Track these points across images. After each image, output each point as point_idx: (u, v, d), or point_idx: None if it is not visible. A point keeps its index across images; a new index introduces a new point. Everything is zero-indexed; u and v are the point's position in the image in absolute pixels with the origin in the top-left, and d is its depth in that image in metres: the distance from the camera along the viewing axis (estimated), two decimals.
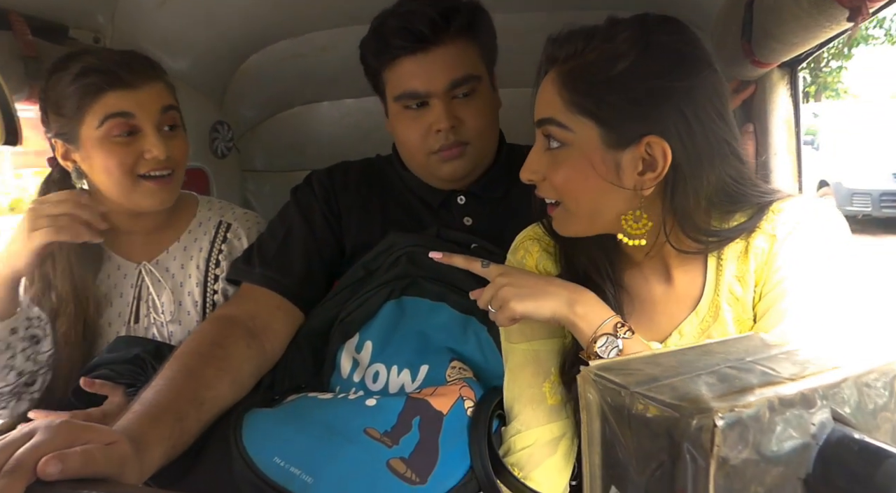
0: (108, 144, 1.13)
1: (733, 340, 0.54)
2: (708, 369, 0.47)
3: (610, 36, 0.78)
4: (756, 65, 1.09)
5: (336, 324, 1.15)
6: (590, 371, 0.50)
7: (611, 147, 0.78)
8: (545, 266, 0.96)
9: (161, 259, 1.28)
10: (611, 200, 0.81)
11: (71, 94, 1.11)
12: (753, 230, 0.83)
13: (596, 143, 0.79)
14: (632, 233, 0.82)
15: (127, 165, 1.14)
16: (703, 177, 0.78)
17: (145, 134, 1.14)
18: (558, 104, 0.80)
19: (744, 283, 0.86)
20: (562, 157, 0.82)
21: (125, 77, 1.12)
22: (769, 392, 0.42)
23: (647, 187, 0.78)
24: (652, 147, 0.76)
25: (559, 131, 0.81)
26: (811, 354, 0.48)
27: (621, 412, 0.45)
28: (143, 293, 1.26)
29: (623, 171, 0.79)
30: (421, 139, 1.19)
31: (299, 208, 1.27)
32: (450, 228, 1.22)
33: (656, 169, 0.77)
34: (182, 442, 0.90)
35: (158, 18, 1.44)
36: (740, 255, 0.85)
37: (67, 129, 1.14)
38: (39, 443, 0.65)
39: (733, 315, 0.87)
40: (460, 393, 0.97)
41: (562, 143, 0.81)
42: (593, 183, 0.80)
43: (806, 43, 0.93)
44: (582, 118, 0.79)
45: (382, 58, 1.18)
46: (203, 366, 0.99)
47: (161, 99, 1.17)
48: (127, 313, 1.25)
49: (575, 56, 0.80)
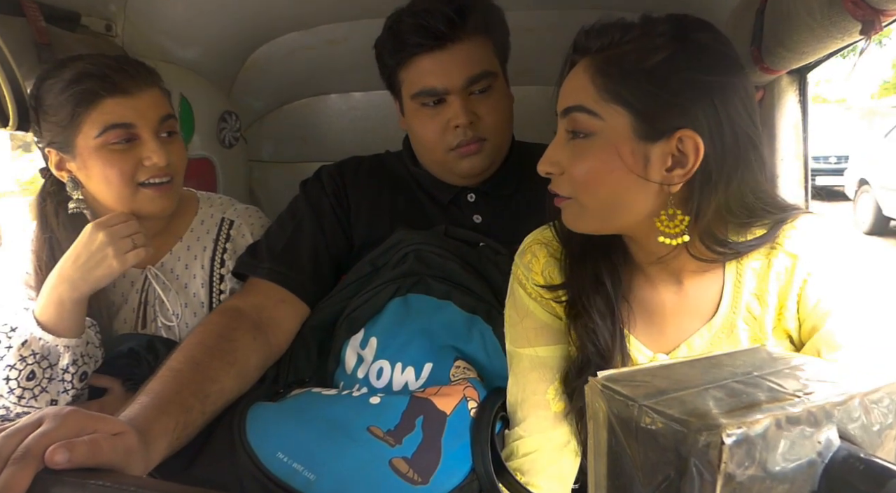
0: (106, 153, 1.10)
1: (741, 352, 0.55)
2: (716, 383, 0.48)
3: (647, 30, 0.76)
4: (765, 71, 1.09)
5: (342, 319, 1.15)
6: (598, 382, 0.50)
7: (642, 138, 0.75)
8: (550, 272, 0.94)
9: (165, 261, 1.26)
10: (632, 196, 0.78)
11: (65, 101, 1.08)
12: (773, 247, 0.81)
13: (627, 133, 0.75)
14: (671, 232, 0.77)
15: (126, 173, 1.11)
16: (728, 180, 0.75)
17: (144, 141, 1.12)
18: (590, 91, 0.77)
19: (763, 302, 0.83)
20: (586, 147, 0.78)
21: (122, 83, 1.09)
22: (776, 409, 0.42)
23: (675, 184, 0.75)
24: (684, 142, 0.74)
25: (588, 119, 0.77)
26: (817, 370, 0.49)
27: (629, 425, 0.46)
28: (150, 298, 1.24)
29: (651, 165, 0.75)
30: (439, 136, 1.19)
31: (309, 202, 1.27)
32: (458, 225, 1.22)
33: (686, 165, 0.74)
34: (186, 434, 0.91)
35: (170, 7, 1.44)
36: (761, 273, 0.83)
37: (61, 137, 1.10)
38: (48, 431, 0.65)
39: (749, 334, 0.85)
40: (464, 394, 0.98)
41: (589, 132, 0.78)
42: (618, 176, 0.76)
43: (816, 52, 0.92)
44: (615, 106, 0.76)
45: (399, 56, 1.18)
46: (209, 358, 0.99)
47: (159, 108, 1.15)
48: (133, 319, 1.23)
49: (611, 46, 0.77)
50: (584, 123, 0.78)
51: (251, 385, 1.06)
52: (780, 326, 0.84)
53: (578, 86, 0.79)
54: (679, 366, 0.53)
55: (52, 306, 1.08)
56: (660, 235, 0.78)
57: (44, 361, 1.08)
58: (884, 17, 0.66)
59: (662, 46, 0.74)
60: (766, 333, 0.84)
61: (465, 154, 1.19)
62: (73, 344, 1.09)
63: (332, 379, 1.13)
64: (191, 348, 1.01)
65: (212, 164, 1.72)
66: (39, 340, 1.08)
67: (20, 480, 0.57)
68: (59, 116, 1.09)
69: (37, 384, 1.08)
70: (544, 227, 0.97)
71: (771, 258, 0.82)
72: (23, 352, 1.07)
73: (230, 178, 1.78)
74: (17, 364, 1.06)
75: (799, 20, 0.85)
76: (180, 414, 0.89)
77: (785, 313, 0.82)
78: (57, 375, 1.09)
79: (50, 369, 1.09)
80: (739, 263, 0.83)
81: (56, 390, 1.10)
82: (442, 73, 1.15)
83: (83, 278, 1.07)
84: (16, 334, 1.08)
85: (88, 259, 1.07)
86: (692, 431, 0.41)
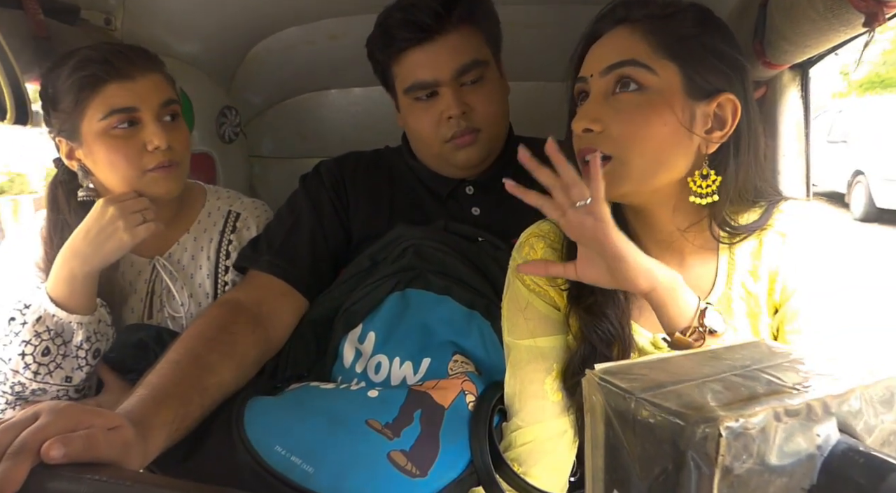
0: (109, 138, 1.11)
1: (740, 346, 0.54)
2: (714, 376, 0.47)
3: (688, 10, 0.83)
4: (767, 66, 1.09)
5: (340, 313, 1.15)
6: (595, 375, 0.50)
7: (690, 96, 0.80)
8: None
9: (173, 252, 1.27)
10: (675, 152, 0.80)
11: (69, 87, 1.09)
12: (765, 228, 0.86)
13: (678, 89, 0.80)
14: (703, 191, 0.81)
15: (131, 158, 1.12)
16: (752, 150, 0.82)
17: (146, 124, 1.13)
18: (642, 48, 0.80)
19: (756, 277, 0.87)
20: (640, 101, 0.80)
21: (124, 68, 1.10)
22: (775, 402, 0.42)
23: (714, 143, 0.80)
24: (724, 106, 0.80)
25: (642, 73, 0.80)
26: (817, 364, 0.48)
27: (626, 418, 0.45)
28: (157, 288, 1.25)
29: (696, 123, 0.80)
30: (433, 129, 1.19)
31: (308, 196, 1.27)
32: (457, 219, 1.22)
33: (724, 128, 0.80)
34: (184, 427, 0.90)
35: (169, 2, 1.44)
36: (753, 251, 0.87)
37: (68, 125, 1.12)
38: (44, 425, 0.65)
39: (746, 310, 0.87)
40: (462, 387, 0.98)
41: (642, 86, 0.80)
42: (668, 130, 0.79)
43: (819, 45, 0.92)
44: (668, 62, 0.80)
45: (389, 51, 1.19)
46: (208, 351, 0.99)
47: (162, 92, 1.15)
48: (140, 309, 1.24)
49: (660, 16, 0.82)
50: (638, 76, 0.80)
51: (249, 378, 1.06)
52: (770, 299, 0.87)
53: (626, 44, 0.82)
54: (677, 359, 0.53)
55: (63, 281, 1.09)
56: (691, 196, 0.82)
57: (58, 337, 1.10)
58: (887, 10, 0.65)
59: (704, 24, 0.82)
60: (760, 307, 0.87)
61: (460, 146, 1.20)
62: (85, 321, 1.10)
63: (331, 373, 1.13)
64: (190, 341, 1.01)
65: (212, 159, 1.72)
66: (53, 316, 1.09)
67: (16, 475, 0.57)
68: (65, 103, 1.11)
69: (52, 360, 1.10)
70: (541, 221, 0.98)
71: (762, 238, 0.86)
72: (37, 328, 1.08)
73: (230, 173, 1.78)
74: (33, 340, 1.08)
75: (801, 13, 0.84)
76: (179, 407, 0.89)
77: (775, 286, 0.86)
78: (71, 351, 1.11)
79: (64, 346, 1.10)
80: (732, 247, 0.87)
81: (70, 366, 1.11)
82: (431, 65, 1.15)
83: (94, 253, 1.09)
84: (29, 310, 1.10)
85: (99, 233, 1.09)
86: (689, 423, 0.41)
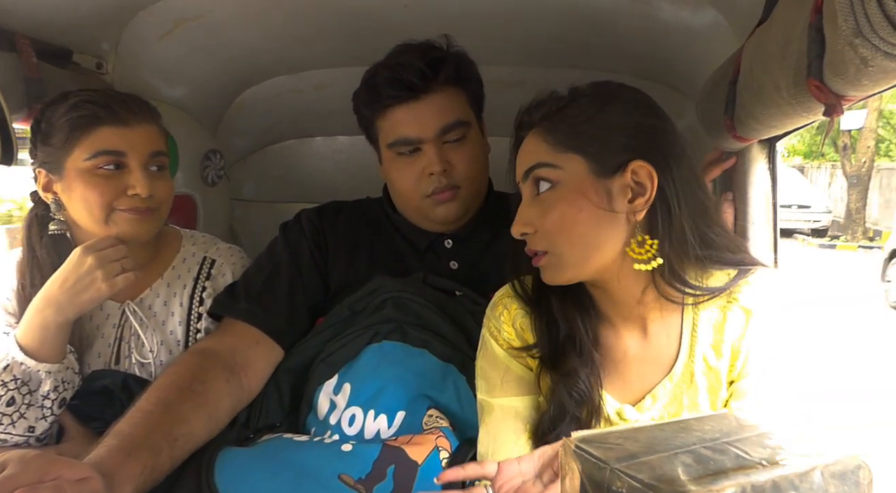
0: (91, 177, 1.10)
1: (709, 417, 0.57)
2: (684, 448, 0.49)
3: (578, 94, 0.87)
4: (737, 139, 1.14)
5: (316, 363, 1.15)
6: (571, 442, 0.52)
7: (599, 176, 0.83)
8: (521, 324, 0.96)
9: (145, 298, 1.25)
10: (605, 231, 0.83)
11: (63, 125, 1.10)
12: (729, 301, 0.87)
13: (585, 174, 0.83)
14: (643, 258, 0.83)
15: (106, 197, 1.11)
16: (684, 204, 0.83)
17: (131, 170, 1.12)
18: (543, 149, 0.85)
19: (718, 353, 0.89)
20: (554, 197, 0.84)
21: (121, 114, 1.11)
22: (742, 478, 0.44)
23: (640, 211, 0.83)
24: (638, 173, 0.82)
25: (549, 171, 0.85)
26: (782, 439, 0.51)
27: (601, 487, 0.47)
28: (126, 333, 1.22)
29: (614, 198, 0.83)
30: (415, 183, 1.22)
31: (287, 245, 1.28)
32: (435, 272, 1.24)
33: (645, 194, 0.82)
34: (154, 478, 0.89)
35: (161, 48, 1.46)
36: (717, 325, 0.89)
37: (53, 158, 1.12)
38: (11, 476, 0.64)
39: (707, 384, 0.89)
40: (436, 443, 0.98)
41: (552, 182, 0.85)
42: (588, 214, 0.83)
43: (784, 126, 0.97)
44: (570, 155, 0.84)
45: (375, 107, 1.22)
46: (180, 400, 0.98)
47: (153, 143, 1.16)
48: (108, 354, 1.21)
49: (554, 113, 0.87)
50: (546, 175, 0.85)
51: (221, 429, 1.05)
52: (729, 376, 0.89)
53: (532, 149, 0.87)
54: (650, 429, 0.55)
55: (35, 329, 1.06)
56: (634, 263, 0.84)
57: (24, 386, 1.07)
58: (845, 102, 0.70)
59: (596, 103, 0.86)
60: (721, 382, 0.89)
61: (440, 201, 1.22)
62: (54, 369, 1.08)
63: (304, 424, 1.12)
64: (162, 390, 1.00)
65: (193, 201, 1.73)
66: (21, 365, 1.06)
67: None
68: (56, 137, 1.11)
69: (16, 410, 1.06)
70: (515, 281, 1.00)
71: (726, 311, 0.88)
72: (4, 377, 1.05)
73: (211, 215, 1.78)
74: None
75: (767, 96, 0.89)
76: (148, 458, 0.88)
77: (735, 363, 0.89)
78: (36, 401, 1.08)
79: (30, 396, 1.07)
80: (696, 313, 0.89)
81: (34, 416, 1.08)
82: (416, 123, 1.19)
83: (70, 302, 1.07)
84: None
85: (76, 283, 1.07)
86: None
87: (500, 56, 1.59)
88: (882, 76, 0.61)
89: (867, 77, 0.61)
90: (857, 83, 0.64)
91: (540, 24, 1.46)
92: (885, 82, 0.63)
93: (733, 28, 1.25)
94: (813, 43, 0.68)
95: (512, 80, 1.61)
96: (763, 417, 0.55)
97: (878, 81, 0.63)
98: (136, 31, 1.39)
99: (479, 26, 1.41)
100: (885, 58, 0.57)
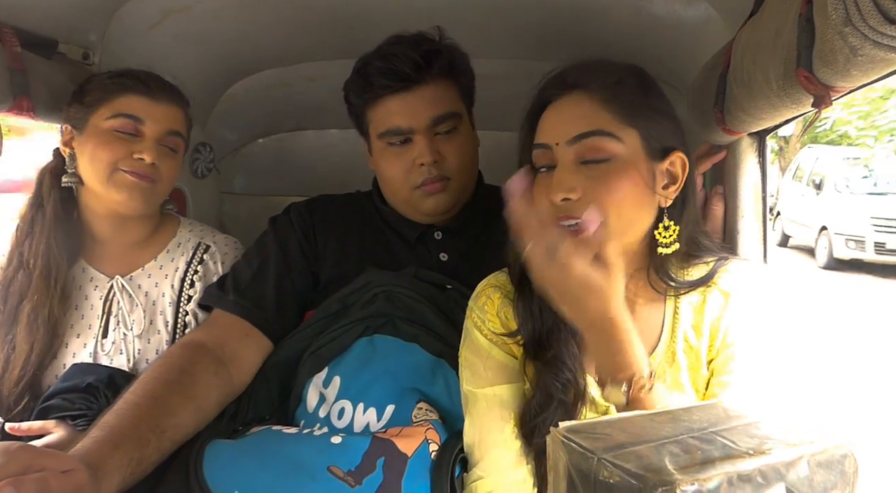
0: (107, 135, 1.17)
1: (697, 407, 0.57)
2: (672, 438, 0.49)
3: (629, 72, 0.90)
4: (727, 132, 1.14)
5: (306, 356, 1.15)
6: (559, 433, 0.52)
7: (650, 158, 0.86)
8: (506, 313, 0.97)
9: (135, 275, 1.28)
10: (643, 211, 0.87)
11: (98, 86, 1.20)
12: (709, 286, 0.90)
13: (641, 153, 0.85)
14: (668, 242, 0.87)
15: (114, 157, 1.17)
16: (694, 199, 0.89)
17: (144, 139, 1.19)
18: (605, 116, 0.85)
19: (699, 333, 0.91)
20: (610, 170, 0.84)
21: (151, 86, 1.20)
22: (729, 467, 0.44)
23: (670, 198, 0.87)
24: (674, 163, 0.87)
25: (609, 142, 0.84)
26: (769, 428, 0.51)
27: (588, 477, 0.47)
28: (114, 308, 1.25)
29: (656, 182, 0.86)
30: (405, 174, 1.22)
31: (276, 239, 1.28)
32: (425, 264, 1.24)
33: (677, 182, 0.87)
34: (141, 470, 0.89)
35: (149, 39, 1.45)
36: (697, 307, 0.92)
37: (81, 114, 1.20)
38: None
39: (688, 363, 0.91)
40: (426, 436, 0.98)
41: (609, 155, 0.84)
42: (640, 192, 0.85)
43: (773, 119, 0.97)
44: (630, 129, 0.85)
45: (366, 96, 1.22)
46: (169, 393, 0.98)
47: (172, 122, 1.23)
48: (97, 327, 1.24)
49: (610, 83, 0.87)
50: (605, 145, 0.85)
51: (210, 421, 1.04)
52: (709, 354, 0.91)
53: (589, 113, 0.86)
54: (638, 419, 0.55)
55: None
56: (658, 247, 0.88)
57: None
58: (833, 93, 0.70)
59: (643, 85, 0.89)
60: (701, 361, 0.91)
61: (429, 192, 1.22)
62: None
63: (294, 417, 1.12)
64: (150, 382, 0.99)
65: (183, 194, 1.71)
66: None
67: None
68: (89, 97, 1.20)
69: None
70: (498, 272, 1.01)
71: (706, 294, 0.91)
72: None
73: (201, 208, 1.77)
74: None
75: (757, 87, 0.89)
76: (135, 450, 0.87)
77: (714, 342, 0.91)
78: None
79: None
80: (678, 298, 0.92)
81: None
82: (408, 113, 1.19)
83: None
84: None
85: None
86: (648, 486, 0.42)
87: (488, 49, 1.58)
88: (871, 66, 0.61)
89: (856, 67, 0.61)
90: (847, 73, 0.64)
91: (529, 16, 1.46)
92: (873, 72, 0.63)
93: (725, 21, 1.24)
94: (803, 33, 0.68)
95: (501, 73, 1.61)
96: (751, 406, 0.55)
97: (867, 71, 0.63)
98: (123, 21, 1.37)
99: (468, 19, 1.40)
100: (875, 47, 0.57)
